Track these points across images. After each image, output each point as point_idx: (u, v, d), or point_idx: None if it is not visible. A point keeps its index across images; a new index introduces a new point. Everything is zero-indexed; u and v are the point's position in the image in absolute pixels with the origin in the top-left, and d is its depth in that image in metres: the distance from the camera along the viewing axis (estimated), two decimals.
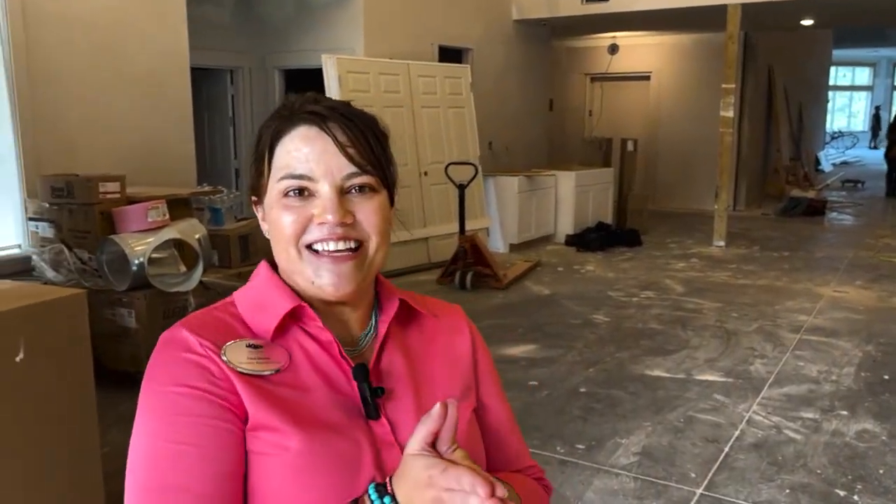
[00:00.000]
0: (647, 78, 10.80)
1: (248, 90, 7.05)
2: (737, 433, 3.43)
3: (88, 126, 4.42)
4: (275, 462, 0.79)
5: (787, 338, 4.82)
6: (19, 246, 4.16)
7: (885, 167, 12.99)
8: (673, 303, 5.69)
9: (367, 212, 0.86)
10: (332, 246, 0.84)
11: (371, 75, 6.46)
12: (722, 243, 7.82)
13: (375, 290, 0.94)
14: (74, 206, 3.85)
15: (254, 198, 0.91)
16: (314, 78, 6.33)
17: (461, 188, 6.07)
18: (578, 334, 4.88)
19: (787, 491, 2.92)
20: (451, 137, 7.13)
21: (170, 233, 3.81)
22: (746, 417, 3.60)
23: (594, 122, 11.15)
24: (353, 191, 0.85)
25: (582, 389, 3.97)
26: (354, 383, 0.85)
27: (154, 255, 3.78)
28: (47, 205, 3.94)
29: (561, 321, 5.19)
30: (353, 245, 0.85)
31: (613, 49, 10.67)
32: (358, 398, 0.84)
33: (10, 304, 1.70)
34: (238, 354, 0.82)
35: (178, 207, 4.02)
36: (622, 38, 10.66)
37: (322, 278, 0.84)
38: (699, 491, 2.93)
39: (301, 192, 0.84)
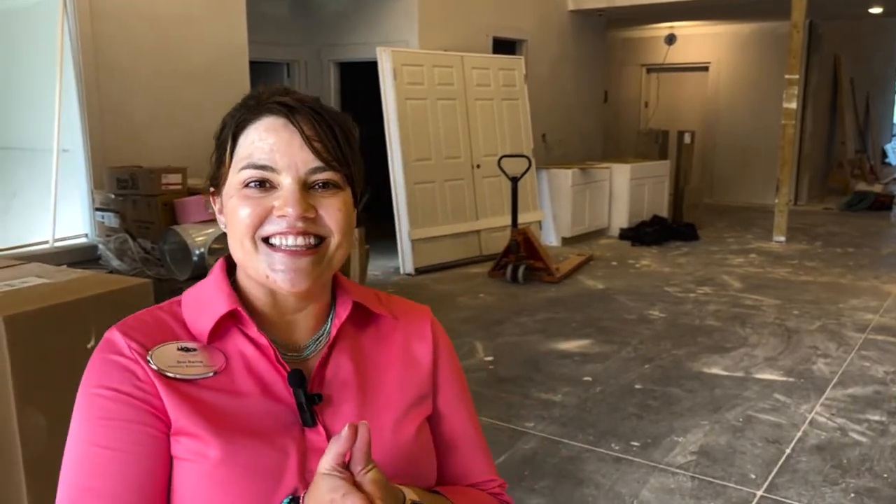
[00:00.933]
0: (706, 69, 10.55)
1: (304, 84, 7.14)
2: (799, 434, 3.33)
3: (152, 119, 4.54)
4: (194, 469, 0.78)
5: (852, 337, 4.66)
6: (86, 235, 4.30)
7: None
8: (731, 299, 5.56)
9: (330, 208, 0.82)
10: (290, 241, 0.80)
11: (425, 68, 6.46)
12: (782, 238, 7.60)
13: (333, 291, 0.91)
14: (138, 198, 3.96)
15: (211, 189, 0.89)
16: (369, 71, 6.37)
17: (514, 181, 6.03)
18: (633, 330, 4.81)
19: (853, 495, 2.83)
20: (505, 130, 7.09)
21: None
22: (809, 418, 3.50)
23: (650, 113, 10.95)
24: (317, 186, 0.82)
25: (637, 386, 3.91)
26: (289, 393, 0.82)
27: (214, 246, 3.86)
28: (112, 196, 4.06)
29: (615, 316, 5.12)
30: (312, 241, 0.82)
31: (671, 39, 10.45)
32: (291, 405, 0.82)
33: (83, 292, 1.75)
34: (166, 358, 0.81)
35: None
36: (680, 27, 10.43)
37: (277, 273, 0.81)
38: (759, 493, 2.86)
39: (262, 184, 0.81)
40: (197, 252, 3.77)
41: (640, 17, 9.65)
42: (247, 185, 0.81)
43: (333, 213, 0.82)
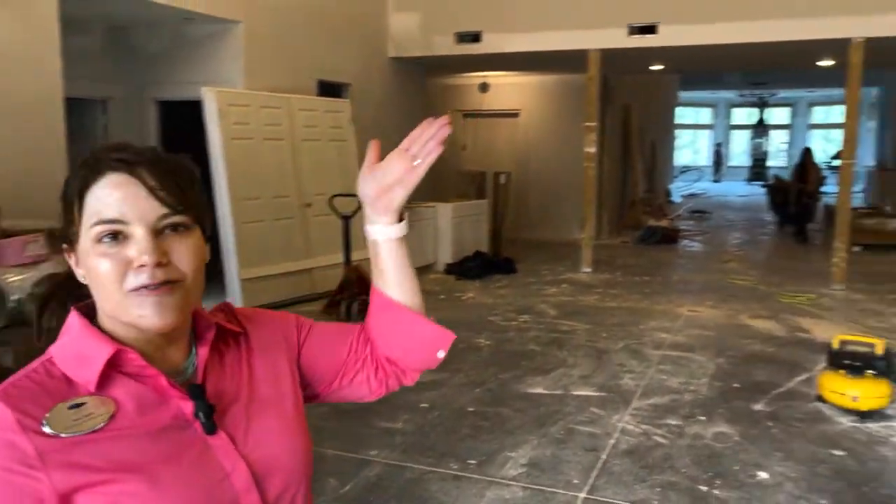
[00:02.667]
0: (516, 115, 11.40)
1: (122, 121, 6.86)
2: (612, 441, 3.74)
3: None
4: None
5: (651, 354, 5.27)
6: None
7: (728, 198, 14.25)
8: (548, 325, 6.05)
9: (183, 251, 0.88)
10: (146, 280, 0.86)
11: (252, 108, 6.48)
12: (589, 269, 8.37)
13: (193, 321, 0.97)
14: None
15: (65, 245, 0.92)
16: (193, 109, 6.28)
17: (346, 219, 6.19)
18: (464, 357, 5.11)
19: (658, 489, 3.24)
20: (334, 170, 7.24)
21: (50, 267, 3.69)
22: (620, 427, 3.93)
23: (468, 156, 11.61)
24: (167, 230, 0.88)
25: (470, 409, 4.17)
26: (186, 411, 0.89)
27: (33, 290, 3.64)
28: None
29: None
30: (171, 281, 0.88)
31: (484, 87, 11.22)
32: (191, 421, 0.89)
33: None
34: (62, 420, 0.83)
35: (58, 241, 3.89)
36: (492, 77, 11.22)
37: (146, 316, 0.86)
38: (582, 495, 3.19)
39: (115, 237, 0.86)
40: (13, 297, 3.54)
41: (456, 66, 10.29)
42: (100, 241, 0.86)
43: (186, 256, 0.88)
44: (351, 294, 6.05)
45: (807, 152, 11.82)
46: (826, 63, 9.65)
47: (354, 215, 6.33)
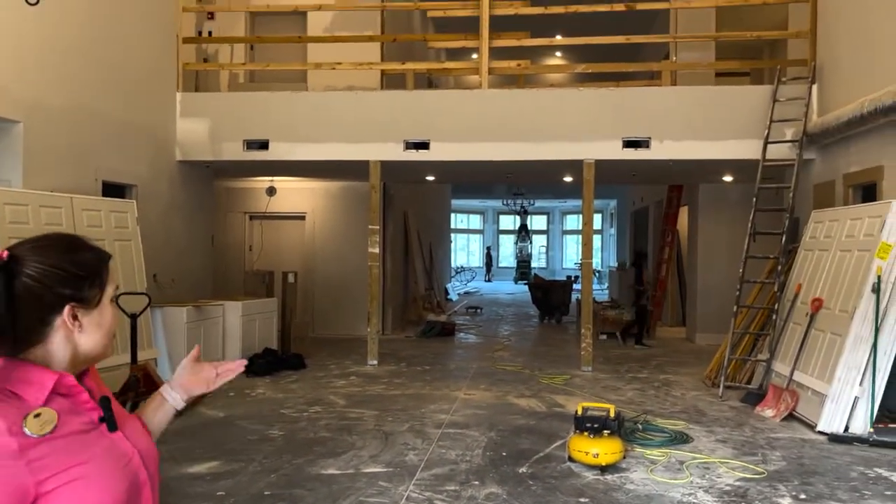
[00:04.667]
0: (303, 217, 11.91)
1: None
2: None
3: None
4: (81, 487, 1.17)
5: (432, 432, 5.82)
6: None
7: (498, 295, 15.65)
8: (338, 414, 6.41)
9: None
10: None
11: (30, 208, 6.34)
12: (375, 362, 8.88)
13: None
14: None
15: (79, 310, 1.28)
16: None
17: (133, 318, 6.18)
18: (257, 448, 5.29)
19: None
20: (119, 270, 7.17)
21: None
22: (405, 496, 4.37)
23: (255, 256, 11.83)
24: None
25: (267, 493, 4.39)
26: (95, 416, 1.26)
27: None
28: None
29: (239, 438, 5.54)
30: None
31: (272, 191, 11.64)
32: (98, 424, 1.25)
33: None
34: (33, 425, 1.15)
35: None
36: (280, 181, 11.70)
37: (109, 350, 1.34)
38: None
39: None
40: None
41: (244, 170, 10.64)
42: (114, 297, 1.36)
43: None
44: (138, 393, 5.98)
45: (639, 256, 11.39)
46: (568, 179, 11.37)
47: (142, 314, 6.33)
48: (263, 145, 8.97)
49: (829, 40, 7.96)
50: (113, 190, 7.75)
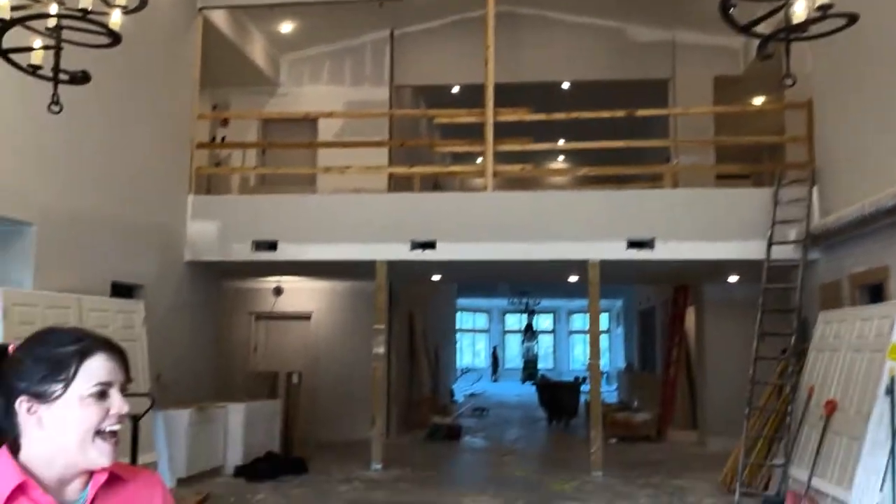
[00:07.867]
0: (308, 318, 11.90)
1: None
2: None
3: None
4: None
5: None
6: None
7: (504, 397, 15.38)
8: None
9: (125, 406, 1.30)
10: (117, 427, 1.25)
11: (39, 308, 6.37)
12: (379, 467, 8.63)
13: None
14: None
15: (26, 398, 1.23)
16: None
17: (135, 419, 6.07)
18: None
19: None
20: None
21: None
22: None
23: (259, 357, 11.74)
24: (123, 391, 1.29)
25: None
26: None
27: None
28: None
29: None
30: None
31: (279, 291, 11.69)
32: None
33: None
34: None
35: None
36: (286, 281, 11.77)
37: (104, 456, 1.23)
38: None
39: (102, 394, 1.24)
40: None
41: (252, 271, 10.73)
42: (89, 396, 1.25)
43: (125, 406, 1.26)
44: None
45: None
46: (573, 279, 11.41)
47: (144, 415, 6.23)
48: (272, 246, 9.07)
49: (826, 144, 8.17)
50: (121, 290, 7.80)
